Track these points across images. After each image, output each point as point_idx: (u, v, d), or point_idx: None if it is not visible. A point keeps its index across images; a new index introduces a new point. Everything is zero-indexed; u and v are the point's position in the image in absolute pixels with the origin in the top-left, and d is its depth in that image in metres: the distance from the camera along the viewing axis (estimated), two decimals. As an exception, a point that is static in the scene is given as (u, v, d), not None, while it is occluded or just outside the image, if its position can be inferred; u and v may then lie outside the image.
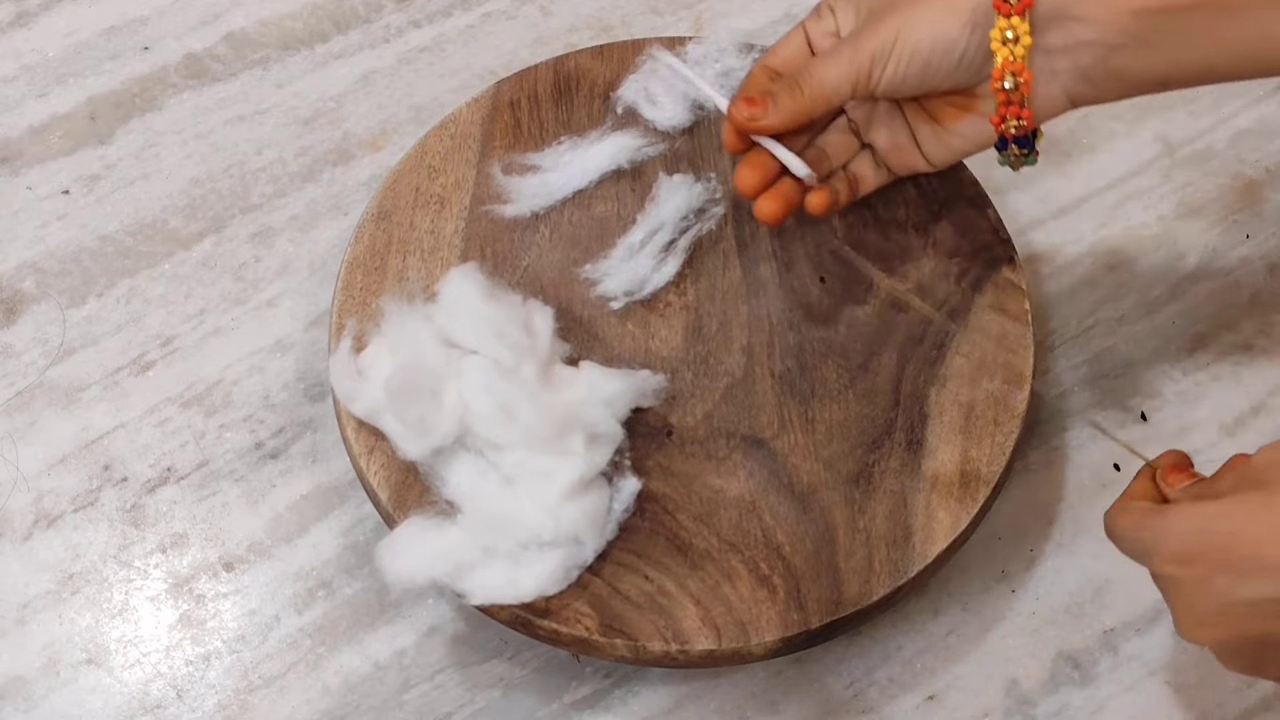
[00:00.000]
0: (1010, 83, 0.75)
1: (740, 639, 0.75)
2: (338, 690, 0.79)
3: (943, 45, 0.75)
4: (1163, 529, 0.65)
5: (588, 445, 0.77)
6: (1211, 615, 0.63)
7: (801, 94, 0.77)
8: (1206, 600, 0.63)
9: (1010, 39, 0.74)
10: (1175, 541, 0.64)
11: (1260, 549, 0.62)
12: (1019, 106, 0.76)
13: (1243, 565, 0.62)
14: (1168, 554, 0.64)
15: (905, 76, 0.75)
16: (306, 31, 1.00)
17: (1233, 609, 0.63)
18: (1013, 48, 0.74)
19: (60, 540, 0.83)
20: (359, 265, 0.85)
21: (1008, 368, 0.82)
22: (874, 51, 0.75)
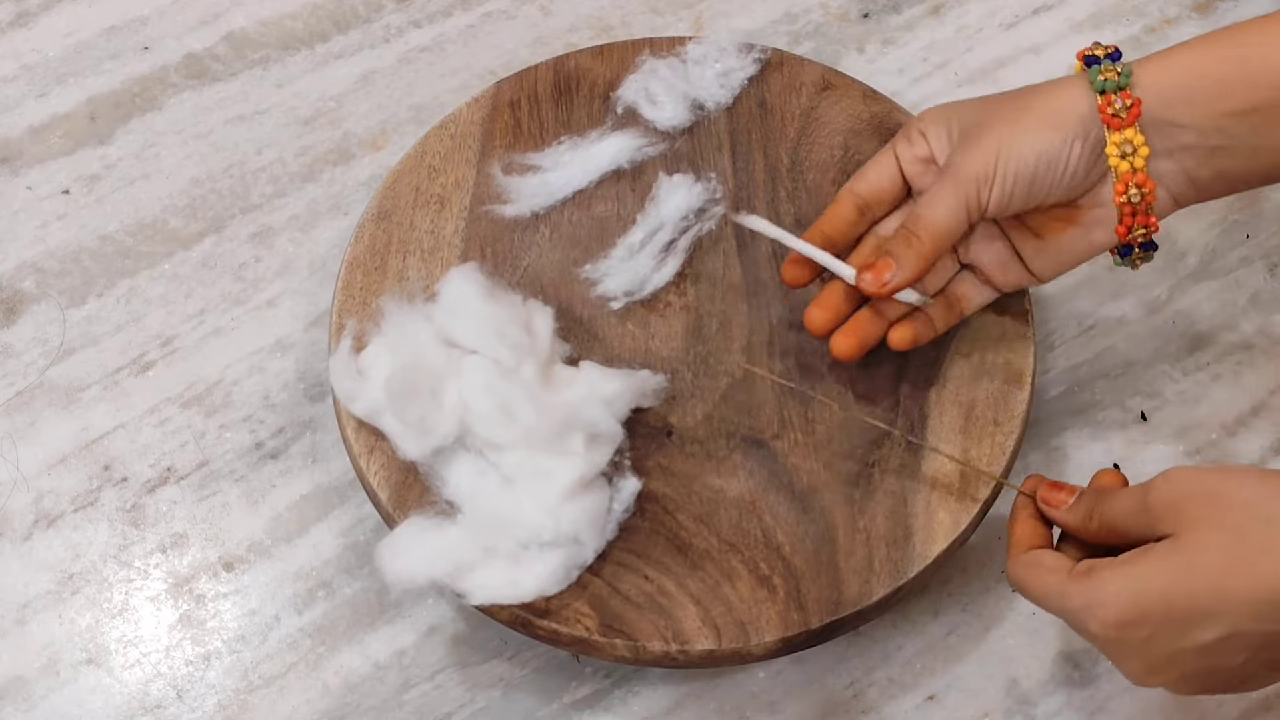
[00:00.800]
0: (1135, 195, 0.74)
1: (740, 639, 0.75)
2: (338, 690, 0.79)
3: (1046, 161, 0.74)
4: (1095, 599, 0.65)
5: (588, 445, 0.77)
6: (1160, 664, 0.65)
7: (922, 243, 0.75)
8: (1153, 654, 0.64)
9: (1129, 152, 0.74)
10: (1113, 610, 0.64)
11: (1196, 597, 0.63)
12: (1145, 215, 0.75)
13: (1185, 618, 0.63)
14: (1107, 622, 0.64)
15: (1012, 196, 0.75)
16: (306, 31, 1.00)
17: (1180, 655, 0.64)
18: (1132, 160, 0.74)
19: (60, 540, 0.83)
20: (359, 265, 0.85)
21: (1008, 368, 0.82)
22: (977, 176, 0.75)
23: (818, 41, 1.00)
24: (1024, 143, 0.74)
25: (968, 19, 1.01)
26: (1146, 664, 0.65)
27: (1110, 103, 0.73)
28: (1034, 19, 1.01)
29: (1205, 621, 0.63)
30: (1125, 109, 0.73)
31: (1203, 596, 0.63)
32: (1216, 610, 0.62)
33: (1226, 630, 0.62)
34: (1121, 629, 0.64)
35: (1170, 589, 0.63)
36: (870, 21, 1.01)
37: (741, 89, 0.91)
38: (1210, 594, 0.62)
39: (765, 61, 0.91)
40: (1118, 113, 0.73)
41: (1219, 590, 0.62)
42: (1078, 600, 0.66)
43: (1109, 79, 0.74)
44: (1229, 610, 0.62)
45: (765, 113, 0.90)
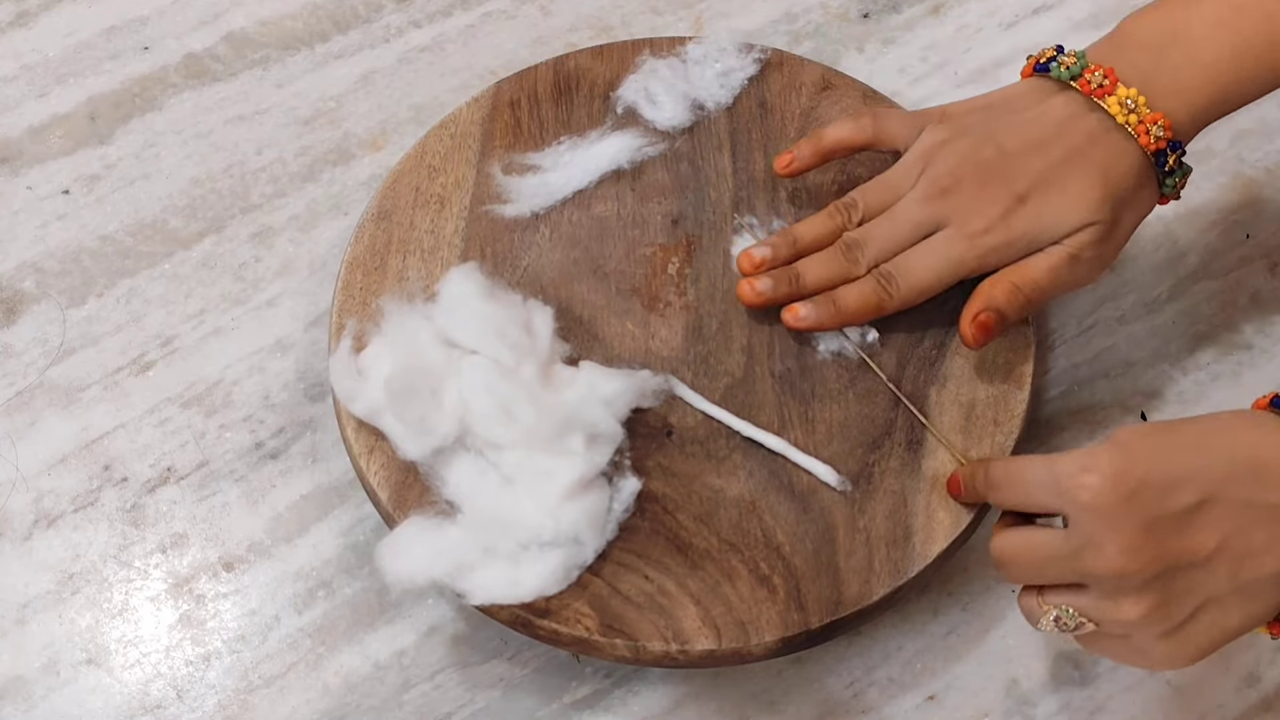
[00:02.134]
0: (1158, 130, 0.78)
1: (740, 639, 0.75)
2: (338, 690, 0.79)
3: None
4: (1078, 464, 0.66)
5: (588, 445, 0.77)
6: (1138, 538, 0.65)
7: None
8: (1134, 518, 0.65)
9: (1131, 108, 0.78)
10: (1106, 463, 0.65)
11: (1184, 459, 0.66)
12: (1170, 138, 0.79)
13: (1169, 477, 0.65)
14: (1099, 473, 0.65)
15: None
16: (306, 31, 1.00)
17: (1159, 523, 0.65)
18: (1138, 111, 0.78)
19: (60, 540, 0.83)
20: (359, 265, 0.85)
21: (1008, 368, 0.82)
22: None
23: (818, 41, 1.00)
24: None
25: (968, 19, 1.01)
26: (1125, 536, 0.65)
27: (1088, 81, 0.78)
28: (1034, 19, 1.01)
29: (1187, 481, 0.65)
30: (1104, 77, 0.78)
31: (1185, 456, 0.66)
32: (1197, 470, 0.65)
33: (1205, 493, 0.65)
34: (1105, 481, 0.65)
35: (1155, 453, 0.66)
36: (870, 21, 1.01)
37: (741, 89, 0.91)
38: (1192, 453, 0.66)
39: (765, 61, 0.91)
40: (1100, 83, 0.78)
41: (1198, 451, 0.66)
42: (1067, 464, 0.67)
43: (1068, 66, 0.80)
44: (1208, 472, 0.65)
45: (765, 113, 0.90)
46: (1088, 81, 0.78)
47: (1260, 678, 0.80)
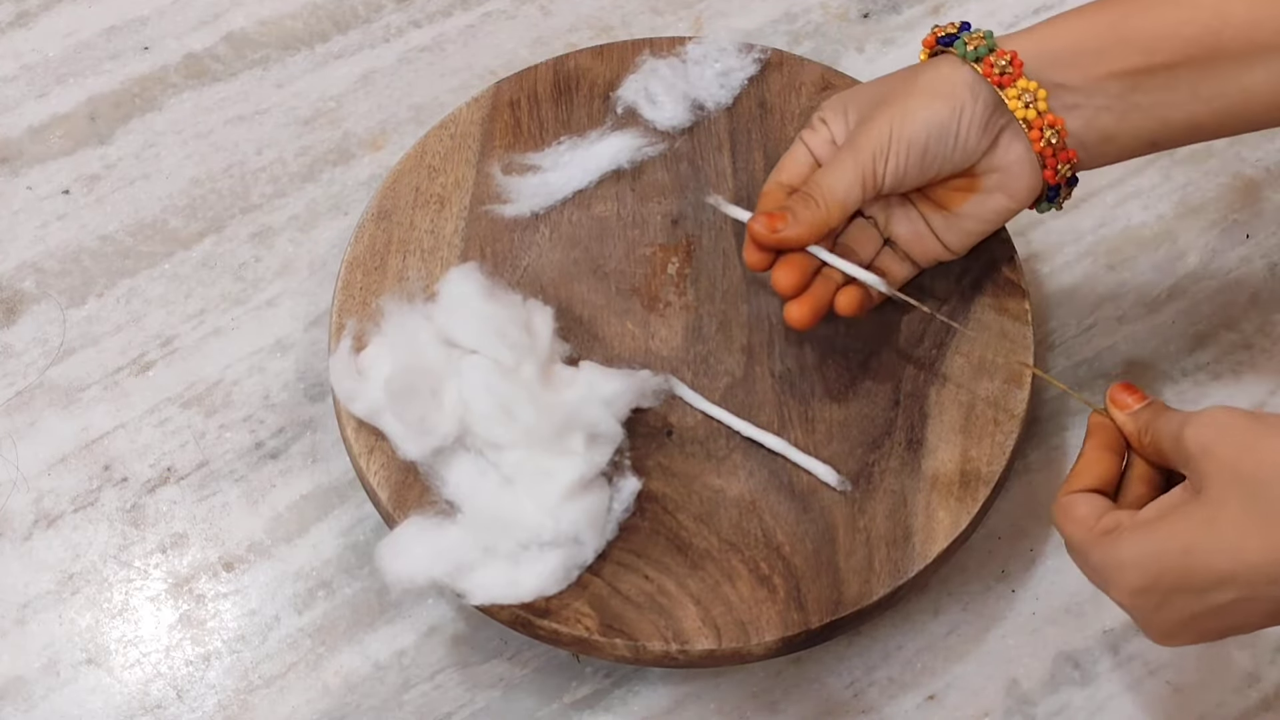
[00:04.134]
0: (1051, 135, 0.76)
1: (740, 639, 0.75)
2: (338, 690, 0.79)
3: (936, 130, 0.76)
4: (1112, 563, 0.65)
5: (588, 445, 0.77)
6: (1177, 628, 0.65)
7: (817, 205, 0.77)
8: (1170, 618, 0.65)
9: (1030, 100, 0.75)
10: (1131, 577, 0.64)
11: (1211, 562, 0.63)
12: (1064, 151, 0.77)
13: (1199, 583, 0.63)
14: (1125, 589, 0.65)
15: (906, 167, 0.77)
16: (306, 31, 1.00)
17: (1196, 619, 0.64)
18: (1035, 105, 0.75)
19: (60, 540, 0.83)
20: (359, 265, 0.85)
21: (1007, 368, 0.82)
22: (873, 150, 0.77)
23: (818, 41, 1.00)
24: (913, 116, 0.76)
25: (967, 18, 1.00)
26: (1164, 626, 0.65)
27: (992, 65, 0.76)
28: (1034, 19, 1.00)
29: (1221, 585, 0.63)
30: (1008, 64, 0.76)
31: (1219, 559, 0.62)
32: (1233, 574, 0.62)
33: (1243, 594, 0.62)
34: (1136, 595, 0.65)
35: (1186, 551, 0.63)
36: (870, 21, 1.01)
37: (741, 89, 0.91)
38: (1227, 557, 0.62)
39: (765, 61, 0.91)
40: (1004, 70, 0.76)
41: (1236, 553, 0.62)
42: (1097, 559, 0.66)
43: (977, 46, 0.76)
44: (1245, 574, 0.62)
45: (765, 113, 0.90)
46: (991, 65, 0.76)
47: (1260, 678, 0.80)
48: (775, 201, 0.80)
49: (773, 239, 0.77)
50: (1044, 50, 0.76)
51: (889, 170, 0.77)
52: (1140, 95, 0.75)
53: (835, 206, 0.77)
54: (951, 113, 0.76)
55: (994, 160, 0.78)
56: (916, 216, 0.81)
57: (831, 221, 0.78)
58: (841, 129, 0.80)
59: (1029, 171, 0.77)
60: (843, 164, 0.77)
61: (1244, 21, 0.73)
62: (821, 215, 0.77)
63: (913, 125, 0.76)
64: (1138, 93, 0.75)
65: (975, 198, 0.79)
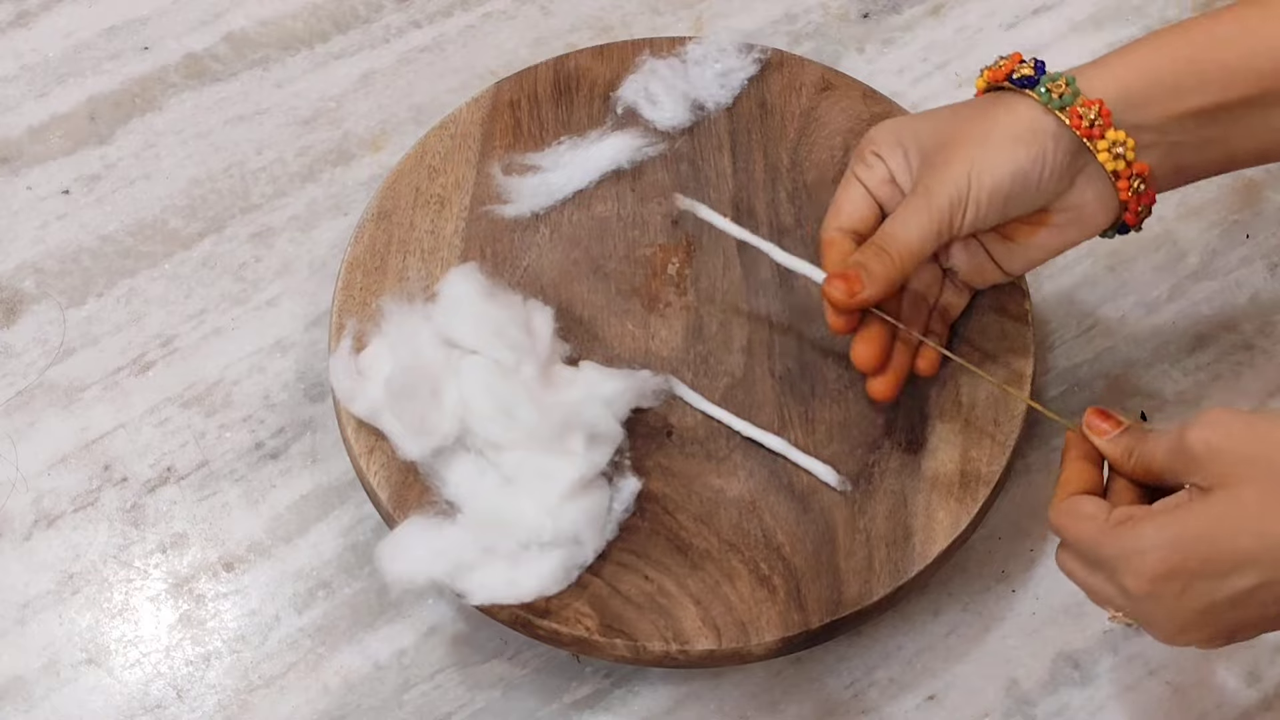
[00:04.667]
0: (1139, 184, 0.75)
1: (740, 639, 0.75)
2: (338, 690, 0.79)
3: (1021, 179, 0.74)
4: (1132, 549, 0.64)
5: (588, 445, 0.77)
6: (1195, 619, 0.64)
7: (891, 260, 0.75)
8: (1188, 606, 0.64)
9: (1120, 153, 0.74)
10: (1152, 561, 0.63)
11: (1236, 543, 0.62)
12: (1147, 196, 0.76)
13: (1221, 566, 0.62)
14: (1145, 574, 0.64)
15: (987, 216, 0.75)
16: (306, 31, 1.00)
17: (1215, 608, 0.63)
18: (1125, 156, 0.74)
19: (60, 540, 0.83)
20: (359, 265, 0.85)
21: (1008, 368, 0.82)
22: (951, 198, 0.74)
23: (818, 41, 1.00)
24: (995, 164, 0.74)
25: (968, 19, 1.01)
26: (1180, 620, 0.64)
27: (1080, 116, 0.73)
28: (1034, 19, 1.01)
29: (1242, 569, 0.62)
30: (1098, 114, 0.73)
31: (1242, 540, 0.62)
32: (1256, 554, 0.62)
33: (1265, 576, 0.62)
34: (1156, 582, 0.63)
35: (1210, 534, 0.63)
36: (870, 21, 1.01)
37: (741, 89, 0.91)
38: (1252, 538, 0.62)
39: (765, 61, 0.91)
40: (1093, 122, 0.73)
41: (1258, 534, 0.62)
42: (1112, 550, 0.65)
43: (1062, 94, 0.74)
44: (1270, 555, 0.62)
45: (765, 113, 0.90)
46: (1080, 116, 0.73)
47: (1260, 677, 0.80)
48: (841, 252, 0.77)
49: (852, 303, 0.75)
50: (1122, 90, 0.74)
51: (967, 221, 0.75)
52: (1214, 129, 0.74)
53: (910, 260, 0.75)
54: (1034, 162, 0.74)
55: (1069, 199, 0.76)
56: (977, 248, 0.79)
57: (907, 273, 0.75)
58: (901, 165, 0.78)
59: (1104, 209, 0.76)
60: (918, 213, 0.75)
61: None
62: (896, 269, 0.75)
63: (995, 175, 0.74)
64: (1212, 127, 0.74)
65: (1044, 231, 0.77)
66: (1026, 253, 0.79)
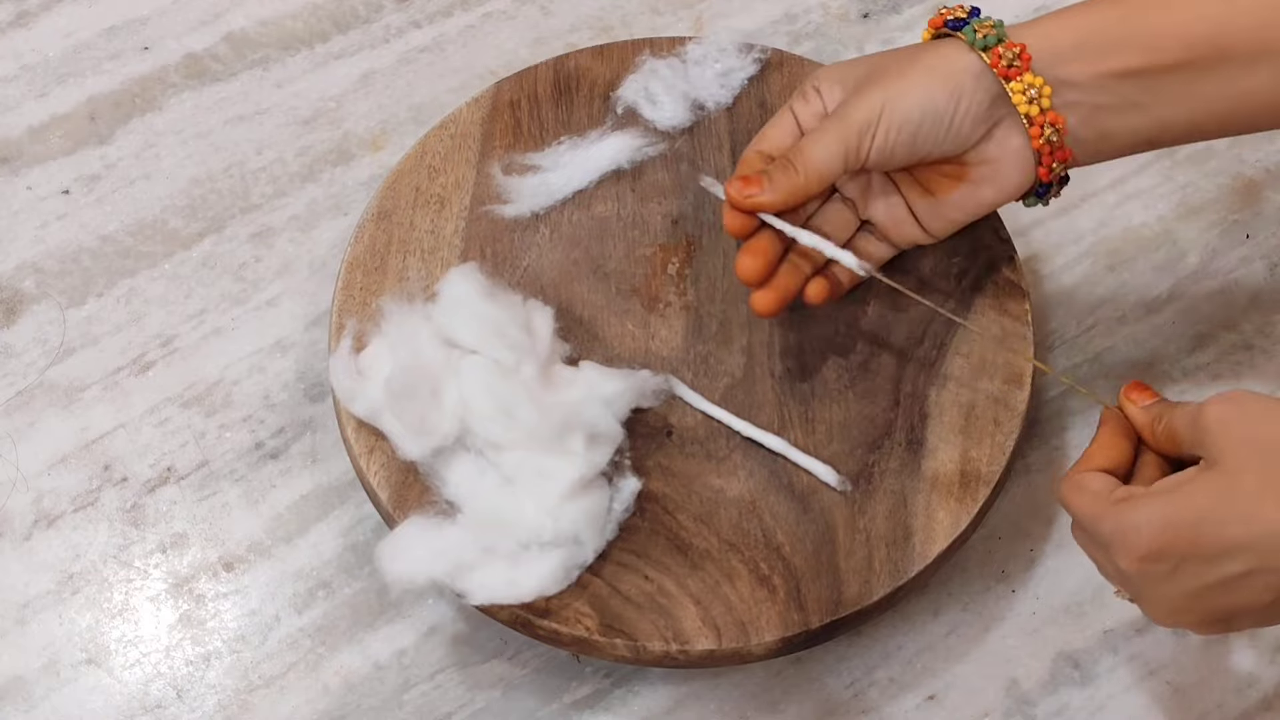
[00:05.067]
0: (1051, 133, 0.75)
1: (740, 639, 0.75)
2: (338, 690, 0.79)
3: (931, 114, 0.75)
4: (1126, 526, 0.65)
5: (588, 445, 0.77)
6: (1185, 602, 0.64)
7: (795, 171, 0.76)
8: (1178, 588, 0.64)
9: (1035, 96, 0.74)
10: (1143, 540, 0.64)
11: (1225, 530, 0.62)
12: (1061, 150, 0.76)
13: (1210, 550, 0.63)
14: (1135, 552, 0.64)
15: (894, 146, 0.75)
16: (306, 31, 1.00)
17: (1205, 592, 0.63)
18: (1039, 101, 0.74)
19: (60, 540, 0.83)
20: (359, 265, 0.85)
21: (1008, 368, 0.82)
22: (861, 123, 0.75)
23: (818, 41, 1.00)
24: (908, 95, 0.75)
25: (968, 18, 1.01)
26: (1170, 602, 0.64)
27: (1000, 55, 0.74)
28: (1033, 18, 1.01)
29: (1233, 553, 0.62)
30: (1016, 56, 0.74)
31: (1233, 526, 0.62)
32: (1246, 541, 0.62)
33: (1255, 564, 0.62)
34: (1146, 561, 0.64)
35: (1201, 518, 0.63)
36: (870, 21, 1.01)
37: (741, 89, 0.91)
38: (1241, 523, 0.62)
39: (765, 61, 0.91)
40: (1011, 62, 0.74)
41: (1250, 519, 0.62)
42: (1109, 526, 0.65)
43: (986, 34, 0.75)
44: (1259, 543, 0.62)
45: (765, 113, 0.90)
46: (999, 56, 0.75)
47: (1260, 678, 0.80)
48: (753, 167, 0.78)
49: (746, 204, 0.75)
50: (1050, 44, 0.75)
51: (875, 146, 0.75)
52: (1141, 94, 0.74)
53: (814, 175, 0.76)
54: (949, 97, 0.75)
55: (986, 151, 0.77)
56: (898, 200, 0.80)
57: (810, 190, 0.76)
58: (835, 100, 0.78)
59: (1021, 167, 0.77)
60: (826, 134, 0.76)
61: (1251, 23, 0.72)
62: (800, 183, 0.75)
63: (906, 104, 0.75)
64: (1139, 92, 0.74)
65: (963, 187, 0.78)
66: (945, 210, 0.79)
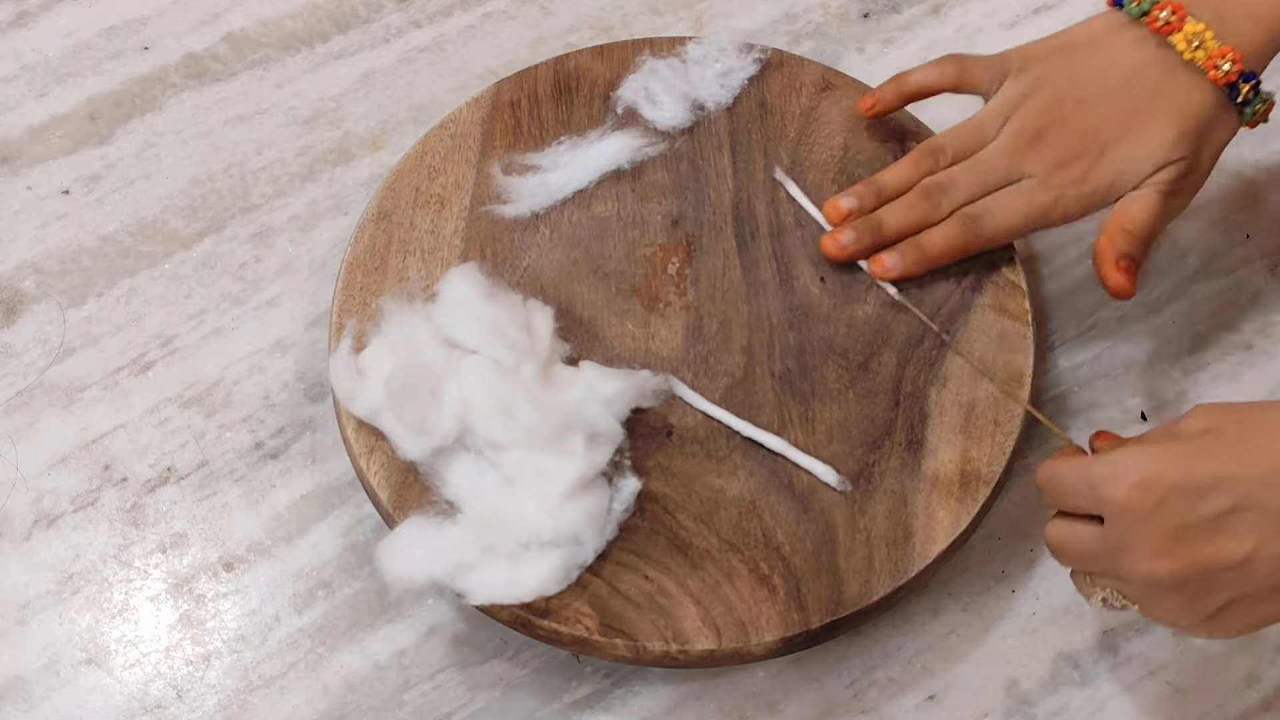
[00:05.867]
0: (1228, 65, 0.79)
1: (740, 639, 0.75)
2: (338, 690, 0.79)
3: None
4: (1119, 462, 0.66)
5: (588, 445, 0.77)
6: (1168, 544, 0.64)
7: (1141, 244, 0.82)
8: (1164, 525, 0.64)
9: (1198, 44, 0.79)
10: (1134, 470, 0.65)
11: (1216, 462, 0.64)
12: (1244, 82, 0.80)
13: (1199, 482, 0.64)
14: (1125, 482, 0.65)
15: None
16: (306, 31, 1.00)
17: (1189, 530, 0.64)
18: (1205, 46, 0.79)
19: (60, 540, 0.83)
20: (359, 265, 0.85)
21: (1008, 368, 0.82)
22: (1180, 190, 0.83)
23: (818, 41, 1.00)
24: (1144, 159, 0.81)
25: (968, 19, 1.01)
26: (1154, 540, 0.65)
27: (1155, 17, 0.80)
28: (1034, 19, 1.01)
29: (1219, 487, 0.63)
30: (1172, 14, 0.80)
31: (1222, 461, 0.64)
32: (1232, 476, 0.63)
33: (1238, 499, 0.63)
34: (1134, 489, 0.64)
35: (1189, 453, 0.64)
36: (870, 21, 1.01)
37: (741, 89, 0.91)
38: (1231, 460, 0.64)
39: (765, 61, 0.91)
40: (1167, 20, 0.80)
41: (1238, 457, 0.63)
42: (1103, 468, 0.66)
43: (1139, 3, 0.81)
44: (1243, 477, 0.63)
45: (765, 113, 0.90)
46: (1154, 19, 0.80)
47: (1260, 678, 0.80)
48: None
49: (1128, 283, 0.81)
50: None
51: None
52: None
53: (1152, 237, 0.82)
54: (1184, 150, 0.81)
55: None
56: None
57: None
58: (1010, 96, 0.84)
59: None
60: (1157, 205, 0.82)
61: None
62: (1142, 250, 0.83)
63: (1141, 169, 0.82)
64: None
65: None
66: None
